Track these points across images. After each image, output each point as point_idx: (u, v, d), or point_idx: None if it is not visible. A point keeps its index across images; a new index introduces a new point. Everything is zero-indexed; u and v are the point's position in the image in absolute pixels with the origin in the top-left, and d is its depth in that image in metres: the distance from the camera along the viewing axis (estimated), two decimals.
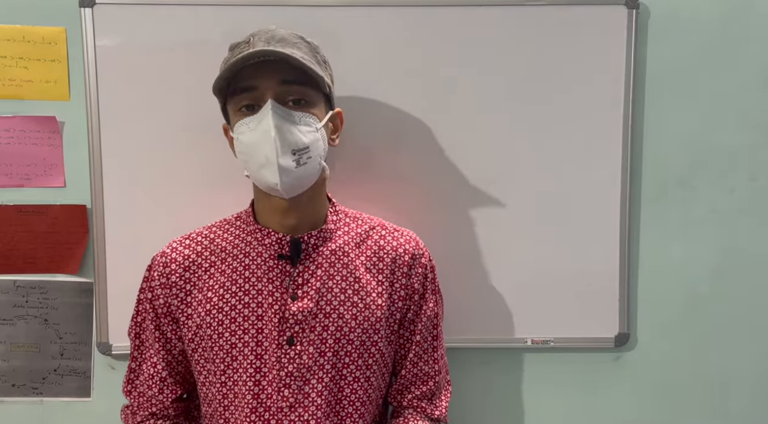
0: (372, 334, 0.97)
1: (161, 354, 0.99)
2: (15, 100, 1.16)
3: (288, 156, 0.88)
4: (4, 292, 1.20)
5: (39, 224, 1.19)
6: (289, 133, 0.88)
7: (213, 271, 0.97)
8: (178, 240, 1.01)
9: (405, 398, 1.04)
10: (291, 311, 0.94)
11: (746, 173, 1.23)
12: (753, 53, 1.21)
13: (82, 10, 1.14)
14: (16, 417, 1.23)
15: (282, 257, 0.95)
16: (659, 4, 1.19)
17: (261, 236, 0.97)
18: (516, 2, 1.16)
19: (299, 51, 0.91)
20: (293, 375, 0.93)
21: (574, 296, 1.22)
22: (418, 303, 1.02)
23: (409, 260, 1.01)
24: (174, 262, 0.98)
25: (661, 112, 1.21)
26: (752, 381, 1.27)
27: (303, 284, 0.95)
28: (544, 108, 1.19)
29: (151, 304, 0.98)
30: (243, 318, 0.95)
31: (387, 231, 1.03)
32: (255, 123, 0.89)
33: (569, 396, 1.27)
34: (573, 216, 1.21)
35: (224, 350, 0.94)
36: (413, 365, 1.03)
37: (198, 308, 0.96)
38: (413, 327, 1.03)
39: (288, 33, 0.93)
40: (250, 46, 0.90)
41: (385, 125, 1.18)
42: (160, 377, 0.99)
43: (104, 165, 1.17)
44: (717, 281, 1.25)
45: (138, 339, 1.01)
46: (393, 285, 1.00)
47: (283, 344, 0.93)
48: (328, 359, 0.94)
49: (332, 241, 0.99)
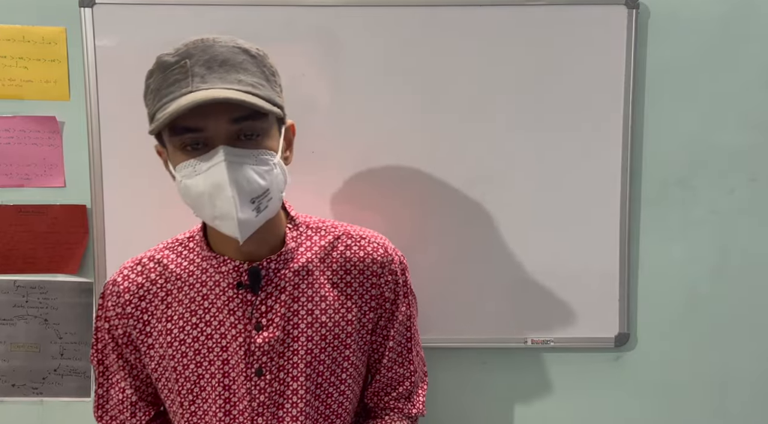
0: (343, 349, 0.93)
1: (128, 380, 0.95)
2: (15, 100, 1.16)
3: (247, 207, 0.79)
4: (4, 292, 1.20)
5: (39, 224, 1.19)
6: (246, 182, 0.79)
7: (170, 300, 0.92)
8: (128, 266, 0.94)
9: (382, 400, 1.01)
10: (257, 343, 0.89)
11: (746, 173, 1.23)
12: (753, 53, 1.21)
13: (82, 10, 1.14)
14: (16, 417, 1.23)
15: (241, 286, 0.89)
16: (659, 4, 1.19)
17: (216, 263, 0.90)
18: (516, 2, 1.16)
19: (248, 74, 0.80)
20: (265, 404, 0.90)
21: (574, 296, 1.22)
22: (390, 310, 0.98)
23: (378, 270, 0.95)
24: (127, 291, 0.92)
25: (661, 112, 1.21)
26: (752, 381, 1.27)
27: (267, 312, 0.89)
28: (544, 108, 1.19)
29: (110, 333, 0.93)
30: (207, 350, 0.90)
31: (353, 240, 0.96)
32: (203, 168, 0.78)
33: (569, 396, 1.27)
34: (573, 216, 1.21)
35: (191, 381, 0.90)
36: (388, 370, 1.00)
37: (159, 339, 0.91)
38: (386, 333, 0.98)
39: (229, 48, 0.80)
40: (187, 75, 0.78)
41: (385, 125, 1.18)
42: (131, 401, 0.95)
43: (104, 165, 1.17)
44: (717, 281, 1.25)
45: (102, 365, 0.96)
46: (363, 297, 0.95)
47: (252, 376, 0.89)
48: (300, 383, 0.91)
49: (294, 261, 0.92)
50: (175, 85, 0.78)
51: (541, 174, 1.20)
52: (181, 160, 0.81)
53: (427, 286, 1.21)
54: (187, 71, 0.78)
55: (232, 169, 0.78)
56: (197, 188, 0.80)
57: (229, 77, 0.79)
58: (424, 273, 1.21)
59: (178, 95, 0.78)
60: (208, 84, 0.77)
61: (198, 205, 0.82)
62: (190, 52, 0.79)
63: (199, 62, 0.78)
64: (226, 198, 0.78)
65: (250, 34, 1.10)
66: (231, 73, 0.79)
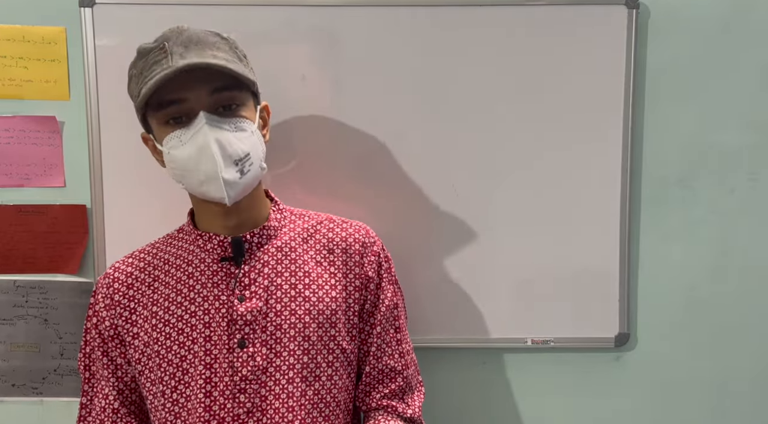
0: (329, 328, 0.93)
1: (112, 382, 0.94)
2: (15, 100, 1.16)
3: (231, 168, 0.85)
4: (4, 292, 1.20)
5: (39, 224, 1.19)
6: (228, 144, 0.85)
7: (157, 285, 0.94)
8: (121, 260, 0.99)
9: (373, 399, 0.98)
10: (239, 311, 0.90)
11: (746, 173, 1.23)
12: (753, 53, 1.21)
13: (82, 10, 1.14)
14: (16, 417, 1.23)
15: (225, 260, 0.92)
16: (659, 4, 1.19)
17: (203, 242, 0.94)
18: (516, 2, 1.16)
19: (221, 52, 0.87)
20: (248, 379, 0.89)
21: (574, 296, 1.22)
22: (375, 293, 0.98)
23: (360, 249, 0.98)
24: (117, 281, 0.95)
25: (661, 112, 1.21)
26: (752, 381, 1.27)
27: (250, 284, 0.92)
28: (544, 108, 1.19)
29: (97, 329, 0.95)
30: (191, 328, 0.91)
31: (335, 223, 1.01)
32: (187, 137, 0.85)
33: (569, 396, 1.27)
34: (573, 216, 1.21)
35: (174, 365, 0.90)
36: (377, 360, 0.98)
37: (144, 325, 0.92)
38: (372, 319, 0.99)
39: (202, 32, 0.87)
40: (167, 54, 0.84)
41: (385, 125, 1.18)
42: (113, 408, 0.94)
43: (104, 165, 1.17)
44: (717, 281, 1.25)
45: (88, 371, 0.97)
46: (347, 276, 0.97)
47: (234, 348, 0.89)
48: (284, 358, 0.90)
49: (277, 238, 0.96)
50: (155, 65, 0.84)
51: (541, 174, 1.20)
52: (166, 134, 0.87)
53: (427, 286, 1.21)
54: (166, 51, 0.84)
55: (213, 132, 0.84)
56: (183, 155, 0.86)
57: (205, 53, 0.85)
58: (424, 273, 1.21)
59: (159, 71, 0.83)
60: (186, 59, 0.83)
61: (186, 173, 0.87)
62: (167, 35, 0.86)
63: (177, 43, 0.85)
64: (210, 157, 0.84)
65: (250, 34, 1.11)
66: (206, 50, 0.85)
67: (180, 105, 0.85)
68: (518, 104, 1.19)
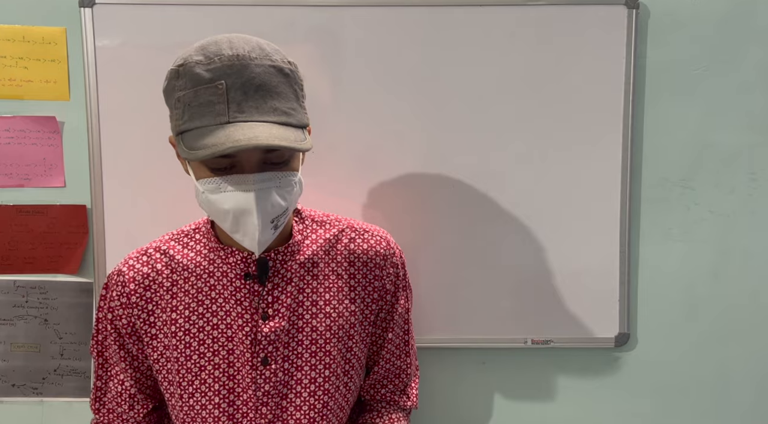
0: (347, 341, 0.95)
1: (128, 372, 0.96)
2: (15, 100, 1.16)
3: (267, 228, 0.82)
4: (4, 292, 1.20)
5: (39, 224, 1.19)
6: (271, 206, 0.81)
7: (176, 290, 0.93)
8: (134, 256, 0.95)
9: (378, 393, 1.04)
10: (263, 332, 0.90)
11: (746, 173, 1.23)
12: (753, 53, 1.21)
13: (82, 10, 1.14)
14: (16, 417, 1.23)
15: (249, 277, 0.91)
16: (659, 4, 1.19)
17: (224, 254, 0.92)
18: (516, 2, 1.16)
19: (282, 100, 0.79)
20: (270, 394, 0.91)
21: (574, 296, 1.22)
22: (390, 302, 1.00)
23: (380, 262, 0.98)
24: (132, 281, 0.93)
25: (661, 112, 1.21)
26: (752, 381, 1.27)
27: (273, 302, 0.91)
28: (544, 108, 1.19)
29: (113, 324, 0.94)
30: (212, 340, 0.91)
31: (356, 233, 0.99)
32: (229, 188, 0.80)
33: (569, 396, 1.27)
34: (573, 216, 1.21)
35: (192, 373, 0.91)
36: (386, 362, 1.03)
37: (163, 329, 0.92)
38: (386, 325, 1.01)
39: (264, 69, 0.78)
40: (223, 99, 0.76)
41: (385, 125, 1.18)
42: (129, 394, 0.96)
43: (104, 165, 1.17)
44: (717, 281, 1.25)
45: (101, 357, 0.97)
46: (366, 289, 0.98)
47: (257, 365, 0.90)
48: (305, 373, 0.92)
49: (300, 253, 0.94)
50: (209, 108, 0.77)
51: (541, 174, 1.20)
52: (205, 176, 0.81)
53: (427, 286, 1.21)
54: (223, 95, 0.76)
55: (260, 197, 0.80)
56: (222, 205, 0.81)
57: (264, 106, 0.78)
58: (424, 273, 1.21)
59: (215, 124, 0.77)
60: (245, 114, 0.77)
61: (220, 218, 0.83)
62: (226, 71, 0.76)
63: (236, 86, 0.76)
64: (252, 224, 0.80)
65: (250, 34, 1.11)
66: (267, 100, 0.78)
67: (230, 159, 0.79)
68: (518, 104, 1.19)
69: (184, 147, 0.79)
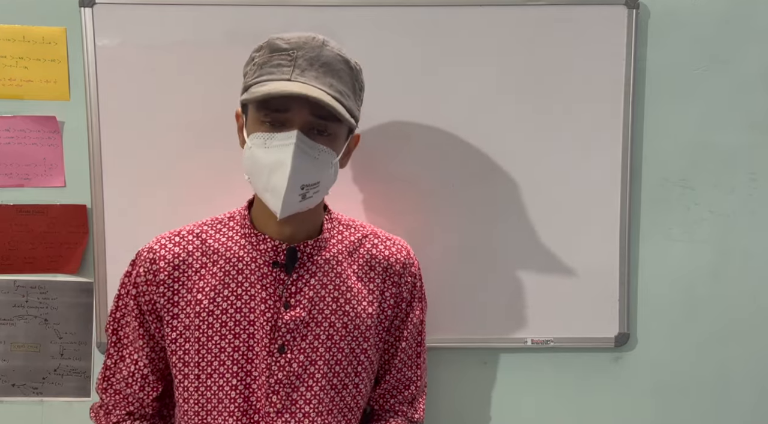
0: (362, 341, 0.98)
1: (145, 351, 0.98)
2: (15, 100, 1.16)
3: (295, 191, 0.87)
4: (4, 292, 1.20)
5: (39, 224, 1.19)
6: (305, 170, 0.86)
7: (204, 272, 0.96)
8: (166, 236, 0.99)
9: (387, 403, 1.06)
10: (284, 319, 0.93)
11: (746, 173, 1.23)
12: (753, 53, 1.21)
13: (82, 10, 1.14)
14: (16, 417, 1.23)
15: (276, 265, 0.94)
16: (659, 4, 1.19)
17: (256, 241, 0.96)
18: (516, 2, 1.16)
19: (341, 83, 0.88)
20: (282, 382, 0.93)
21: (574, 296, 1.22)
22: (405, 311, 1.04)
23: (400, 270, 1.02)
24: (163, 259, 0.96)
25: (660, 111, 1.21)
26: (752, 381, 1.27)
27: (296, 293, 0.95)
28: (544, 108, 1.19)
29: (135, 300, 0.97)
30: (234, 323, 0.94)
31: (379, 240, 1.03)
32: (273, 144, 0.86)
33: (569, 396, 1.27)
34: (573, 216, 1.21)
35: (212, 353, 0.93)
36: (398, 371, 1.05)
37: (186, 309, 0.95)
38: (399, 334, 1.04)
39: (334, 55, 0.88)
40: (291, 63, 0.86)
41: (385, 125, 1.18)
42: (142, 374, 0.98)
43: (104, 165, 1.17)
44: (717, 281, 1.25)
45: (115, 335, 0.99)
46: (383, 294, 1.01)
47: (274, 352, 0.93)
48: (318, 367, 0.95)
49: (326, 250, 0.98)
50: (277, 68, 0.86)
51: (541, 174, 1.20)
52: (256, 131, 0.88)
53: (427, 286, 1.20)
54: (292, 60, 0.86)
55: (297, 153, 0.85)
56: (262, 159, 0.87)
57: (324, 79, 0.87)
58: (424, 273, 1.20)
59: (276, 78, 0.86)
60: (305, 79, 0.86)
61: (256, 173, 0.89)
62: (301, 45, 0.87)
63: (305, 56, 0.86)
64: (282, 175, 0.85)
65: (250, 34, 1.11)
66: (327, 76, 0.87)
67: (281, 114, 0.86)
68: (518, 104, 1.19)
69: (243, 97, 0.88)
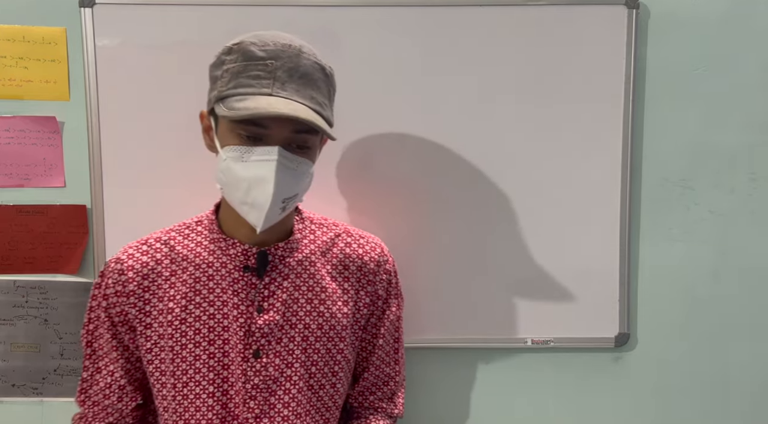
0: (338, 341, 0.97)
1: (120, 362, 0.96)
2: (15, 100, 1.16)
3: (277, 205, 0.85)
4: (4, 292, 1.20)
5: (39, 224, 1.19)
6: (286, 184, 0.85)
7: (173, 280, 0.94)
8: (133, 245, 0.96)
9: (367, 400, 1.05)
10: (257, 324, 0.92)
11: (746, 173, 1.23)
12: (753, 53, 1.21)
13: (82, 10, 1.14)
14: (16, 417, 1.23)
15: (248, 269, 0.93)
16: (659, 4, 1.19)
17: (225, 245, 0.94)
18: (516, 2, 1.16)
19: (319, 94, 0.87)
20: (259, 387, 0.92)
21: (574, 296, 1.22)
22: (381, 308, 1.03)
23: (374, 268, 1.01)
24: (131, 269, 0.93)
25: (660, 111, 1.21)
26: (752, 382, 1.27)
27: (269, 296, 0.93)
28: (544, 108, 1.19)
29: (107, 312, 0.94)
30: (208, 329, 0.92)
31: (352, 238, 1.02)
32: (252, 158, 0.84)
33: (569, 396, 1.27)
34: (573, 216, 1.21)
35: (187, 362, 0.92)
36: (376, 368, 1.05)
37: (158, 318, 0.93)
38: (376, 331, 1.03)
39: (311, 64, 0.86)
40: (271, 76, 0.83)
41: (385, 125, 1.18)
42: (119, 385, 0.96)
43: (104, 165, 1.17)
44: (717, 281, 1.25)
45: (90, 347, 0.97)
46: (358, 292, 1.00)
47: (249, 357, 0.92)
48: (295, 370, 0.94)
49: (299, 251, 0.96)
50: (256, 80, 0.83)
51: (541, 174, 1.20)
52: (231, 143, 0.85)
53: (427, 286, 1.21)
54: (270, 72, 0.83)
55: (280, 170, 0.83)
56: (239, 173, 0.84)
57: (305, 91, 0.85)
58: (424, 273, 1.21)
59: (257, 93, 0.83)
60: (287, 93, 0.83)
61: (232, 185, 0.86)
62: (278, 54, 0.84)
63: (284, 68, 0.84)
64: (265, 193, 0.83)
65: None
66: (307, 88, 0.85)
67: (261, 129, 0.84)
68: (518, 104, 1.19)
69: (224, 108, 0.83)
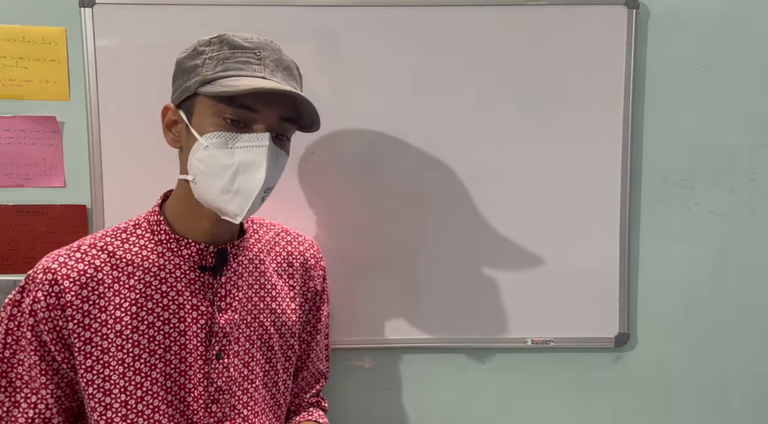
0: (289, 338, 0.99)
1: (49, 389, 0.84)
2: (15, 100, 1.16)
3: (260, 195, 0.83)
4: (4, 292, 1.20)
5: (39, 224, 1.19)
6: (272, 173, 0.83)
7: (118, 287, 0.86)
8: (63, 253, 0.86)
9: (304, 399, 1.08)
10: (219, 324, 0.89)
11: (746, 173, 1.23)
12: (753, 53, 1.21)
13: (82, 10, 1.14)
14: None
15: (204, 269, 0.89)
16: (659, 4, 1.19)
17: (177, 246, 0.89)
18: (516, 2, 1.16)
19: (298, 87, 0.89)
20: (222, 390, 0.89)
21: (574, 296, 1.22)
22: (317, 304, 1.07)
23: (314, 264, 1.05)
24: (66, 278, 0.83)
25: (660, 112, 1.21)
26: (752, 381, 1.27)
27: (226, 295, 0.91)
28: (544, 108, 1.19)
29: (33, 331, 0.82)
30: (163, 335, 0.87)
31: (291, 236, 1.05)
32: (238, 144, 0.81)
33: (569, 396, 1.27)
34: (573, 216, 1.21)
35: (142, 373, 0.85)
36: (313, 365, 1.08)
37: (101, 330, 0.84)
38: (312, 329, 1.07)
39: (290, 60, 0.89)
40: (261, 63, 0.83)
41: (385, 125, 1.18)
42: (44, 418, 0.84)
43: (104, 165, 1.17)
44: (717, 281, 1.25)
45: (5, 379, 0.84)
46: (302, 288, 1.03)
47: (211, 359, 0.89)
48: (251, 369, 0.93)
49: (248, 249, 0.96)
50: (246, 65, 0.83)
51: (541, 174, 1.20)
52: (213, 130, 0.82)
53: (427, 285, 1.21)
54: (261, 60, 0.84)
55: (271, 156, 0.82)
56: (224, 160, 0.82)
57: (290, 82, 0.87)
58: (424, 273, 1.21)
59: (249, 74, 0.82)
60: (277, 79, 0.84)
61: (212, 174, 0.82)
62: (264, 46, 0.85)
63: (271, 58, 0.85)
64: (256, 178, 0.81)
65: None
66: (289, 80, 0.87)
67: (251, 113, 0.82)
68: (518, 104, 1.19)
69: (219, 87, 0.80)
